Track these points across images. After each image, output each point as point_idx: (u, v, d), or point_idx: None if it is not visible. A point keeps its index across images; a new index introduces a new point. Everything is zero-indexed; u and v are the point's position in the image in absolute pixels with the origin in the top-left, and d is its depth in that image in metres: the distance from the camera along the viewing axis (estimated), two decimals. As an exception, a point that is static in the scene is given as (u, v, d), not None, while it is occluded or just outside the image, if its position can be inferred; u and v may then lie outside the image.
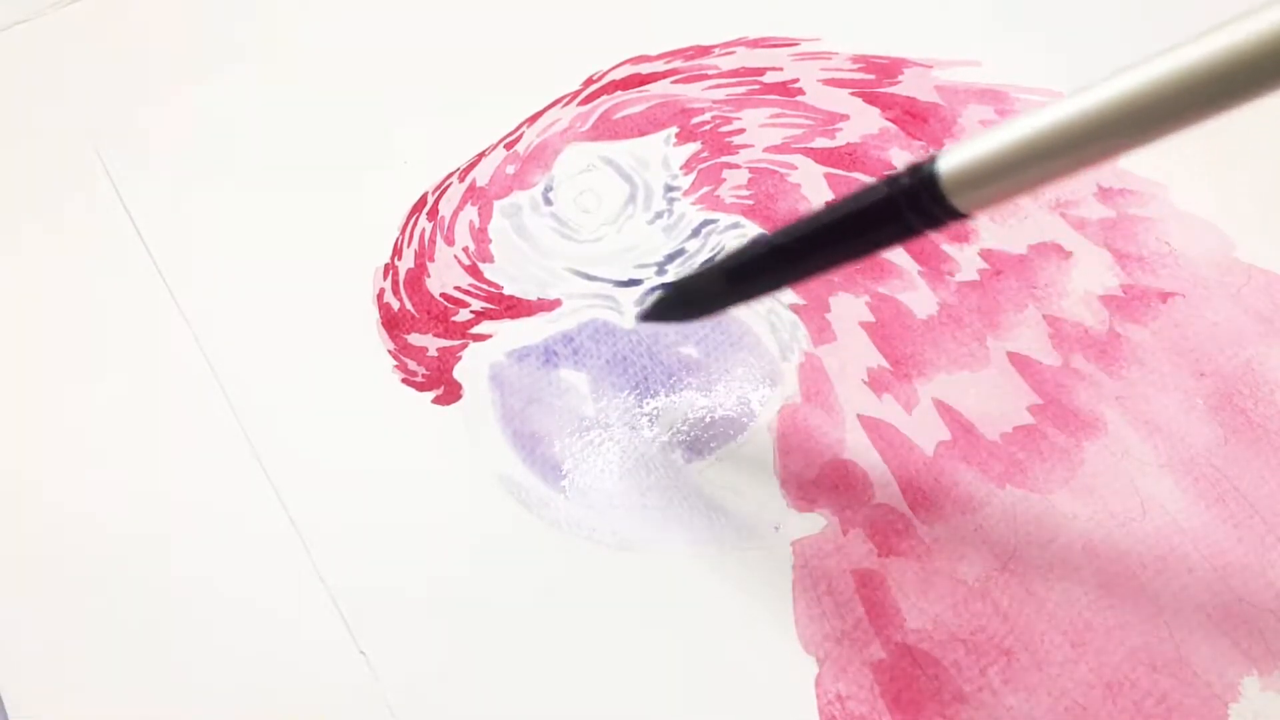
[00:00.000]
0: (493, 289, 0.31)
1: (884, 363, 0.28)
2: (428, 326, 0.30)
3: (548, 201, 0.32)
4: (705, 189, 0.32)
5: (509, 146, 0.34)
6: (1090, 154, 0.18)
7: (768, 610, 0.25)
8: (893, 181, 0.20)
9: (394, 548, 0.27)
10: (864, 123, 0.33)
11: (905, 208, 0.20)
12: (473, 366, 0.30)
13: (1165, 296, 0.29)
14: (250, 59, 0.38)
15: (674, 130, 0.34)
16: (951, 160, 0.19)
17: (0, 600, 0.27)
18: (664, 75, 0.35)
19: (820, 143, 0.33)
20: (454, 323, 0.30)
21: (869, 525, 0.26)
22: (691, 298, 0.25)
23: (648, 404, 0.28)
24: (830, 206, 0.21)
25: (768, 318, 0.29)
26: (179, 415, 0.30)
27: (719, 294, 0.24)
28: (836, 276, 0.30)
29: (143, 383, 0.30)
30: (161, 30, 0.39)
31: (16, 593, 0.27)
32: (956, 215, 0.19)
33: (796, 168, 0.32)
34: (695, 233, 0.31)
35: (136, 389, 0.30)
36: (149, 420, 0.30)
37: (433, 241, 0.32)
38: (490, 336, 0.30)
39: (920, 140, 0.32)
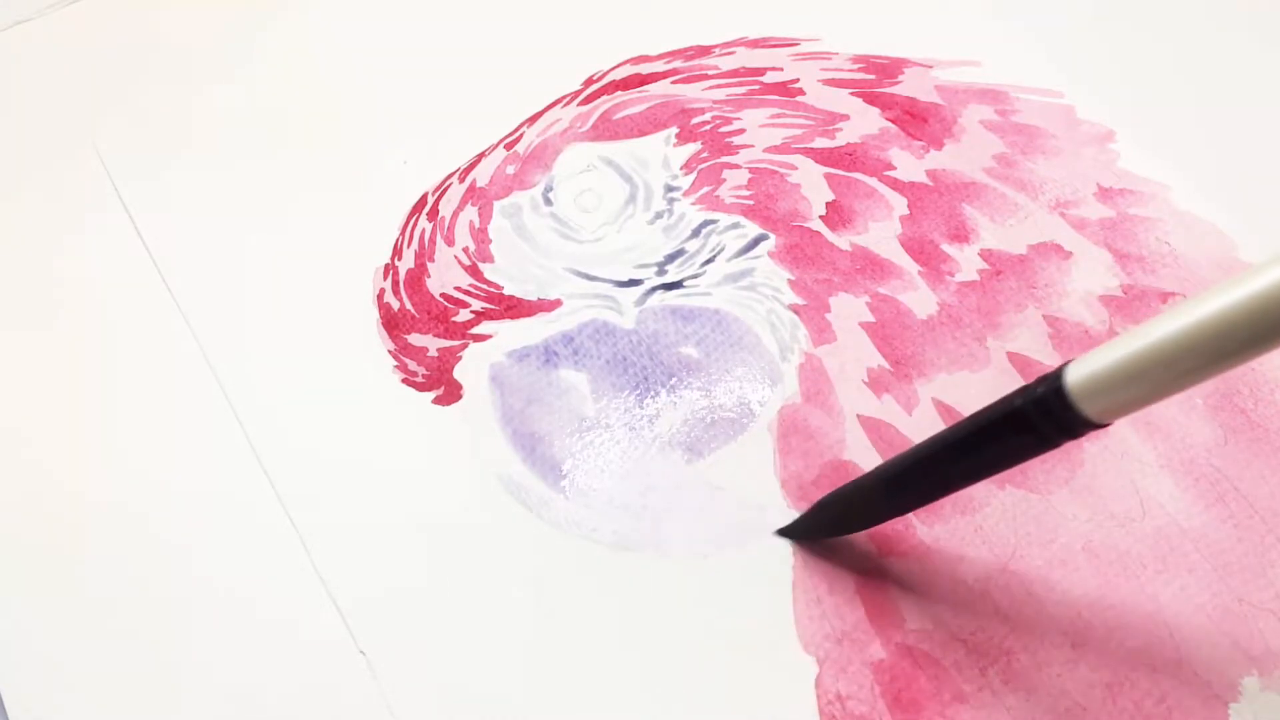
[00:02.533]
0: (493, 289, 0.31)
1: (884, 363, 0.28)
2: (428, 326, 0.30)
3: (548, 201, 0.32)
4: (705, 189, 0.32)
5: (509, 146, 0.34)
6: (1230, 359, 0.17)
7: (768, 610, 0.25)
8: (1024, 393, 0.20)
9: (394, 548, 0.27)
10: (864, 123, 0.33)
11: (1038, 418, 0.20)
12: (473, 367, 0.30)
13: (1165, 296, 0.29)
14: (250, 59, 0.38)
15: (674, 130, 0.34)
16: (1079, 370, 0.19)
17: (0, 600, 0.27)
18: (664, 75, 0.35)
19: (820, 143, 0.33)
20: (454, 323, 0.30)
21: (869, 525, 0.26)
22: (839, 514, 0.26)
23: (648, 404, 0.28)
24: (967, 419, 0.22)
25: (768, 318, 0.29)
26: (179, 415, 0.30)
27: (868, 509, 0.25)
28: (836, 276, 0.30)
29: (143, 383, 0.30)
30: (161, 30, 0.39)
31: (16, 593, 0.27)
32: (1091, 425, 0.19)
33: (796, 168, 0.32)
34: (695, 233, 0.31)
35: (136, 389, 0.30)
36: (149, 420, 0.30)
37: (433, 241, 0.32)
38: (490, 337, 0.30)
39: (920, 140, 0.32)
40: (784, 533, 0.26)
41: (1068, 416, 0.19)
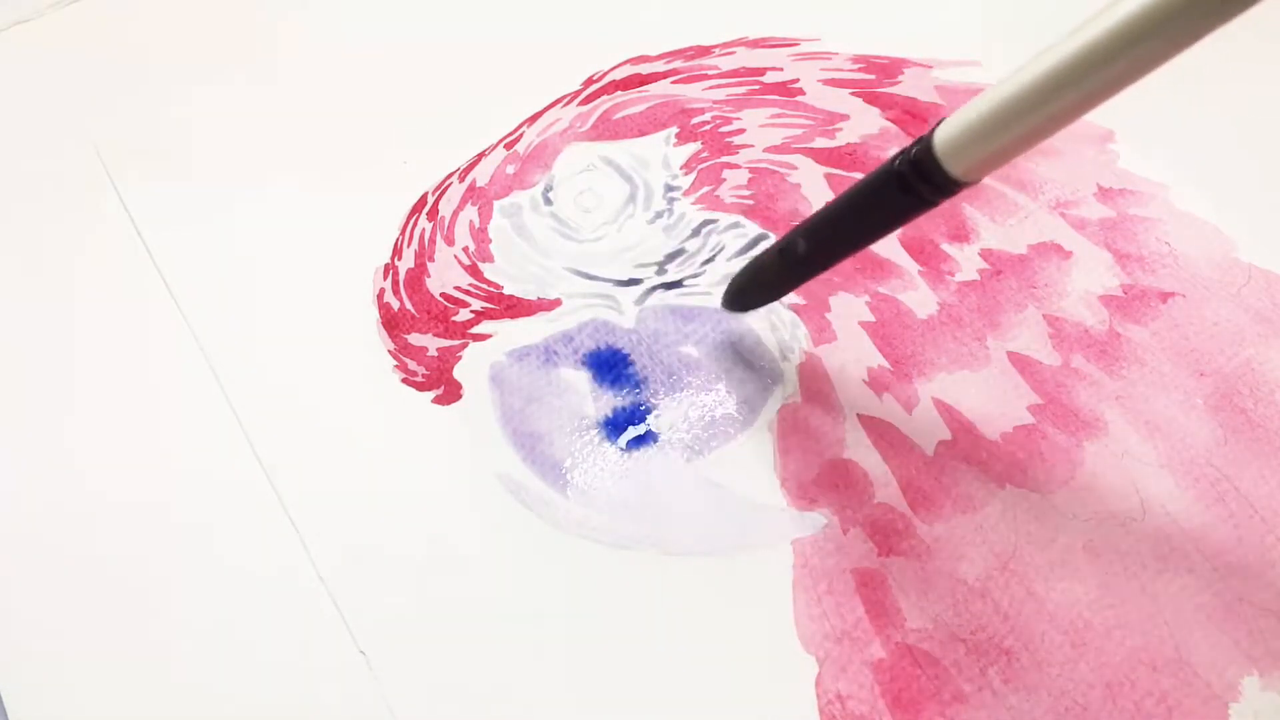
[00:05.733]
0: (493, 289, 0.31)
1: (884, 362, 0.28)
2: (428, 326, 0.30)
3: (548, 201, 0.32)
4: (705, 189, 0.32)
5: (509, 146, 0.34)
6: (1067, 105, 0.19)
7: (768, 610, 0.25)
8: (901, 155, 0.21)
9: (394, 548, 0.27)
10: (864, 123, 0.33)
11: (914, 179, 0.21)
12: (473, 366, 0.30)
13: (1165, 296, 0.29)
14: (250, 60, 0.38)
15: (674, 130, 0.34)
16: (944, 131, 0.20)
17: (0, 600, 0.27)
18: (664, 75, 0.35)
19: (820, 143, 0.33)
20: (454, 322, 0.30)
21: (869, 525, 0.26)
22: (754, 281, 0.28)
23: (648, 403, 0.28)
24: (854, 184, 0.23)
25: (768, 317, 0.29)
26: (179, 415, 0.30)
27: (775, 276, 0.27)
28: (836, 276, 0.30)
29: (142, 383, 0.30)
30: (161, 30, 0.39)
31: (16, 593, 0.27)
32: (958, 183, 0.21)
33: (796, 168, 0.32)
34: (695, 232, 0.31)
35: (136, 389, 0.30)
36: (148, 420, 0.29)
37: (433, 241, 0.32)
38: (490, 336, 0.30)
39: (920, 140, 0.32)
40: (725, 306, 0.29)
41: (938, 175, 0.20)
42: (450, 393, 0.29)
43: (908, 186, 0.21)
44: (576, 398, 0.29)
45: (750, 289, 0.28)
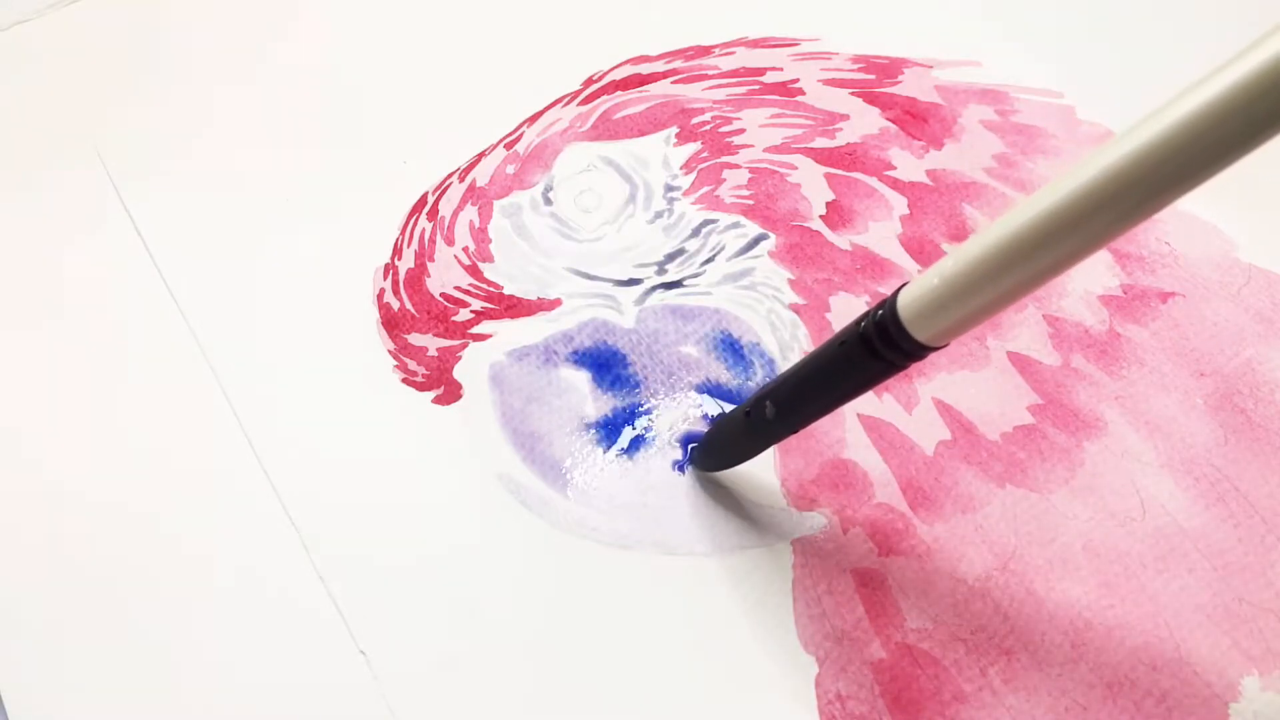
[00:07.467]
0: (493, 289, 0.31)
1: (884, 362, 0.28)
2: (428, 326, 0.30)
3: (548, 201, 0.32)
4: (705, 189, 0.32)
5: (509, 146, 0.34)
6: (1036, 269, 0.17)
7: (768, 610, 0.25)
8: (865, 318, 0.20)
9: (394, 548, 0.27)
10: (864, 123, 0.33)
11: (880, 345, 0.20)
12: (473, 366, 0.30)
13: (1165, 296, 0.29)
14: (251, 59, 0.38)
15: (674, 130, 0.34)
16: (907, 295, 0.19)
17: (0, 600, 0.27)
18: (664, 75, 0.35)
19: (820, 143, 0.33)
20: (454, 322, 0.30)
21: (869, 525, 0.26)
22: (719, 444, 0.26)
23: (647, 403, 0.28)
24: (819, 348, 0.22)
25: (768, 318, 0.29)
26: (179, 415, 0.29)
27: (741, 439, 0.25)
28: (836, 275, 0.30)
29: (143, 383, 0.30)
30: (161, 30, 0.39)
31: (16, 593, 0.27)
32: (925, 348, 0.19)
33: (796, 168, 0.32)
34: (695, 232, 0.31)
35: (137, 390, 0.30)
36: (149, 420, 0.29)
37: (433, 241, 0.32)
38: (490, 336, 0.30)
39: (920, 140, 0.32)
40: (692, 464, 0.27)
41: (905, 341, 0.19)
42: (450, 393, 0.29)
43: (874, 351, 0.20)
44: (576, 398, 0.29)
45: (718, 449, 0.26)
